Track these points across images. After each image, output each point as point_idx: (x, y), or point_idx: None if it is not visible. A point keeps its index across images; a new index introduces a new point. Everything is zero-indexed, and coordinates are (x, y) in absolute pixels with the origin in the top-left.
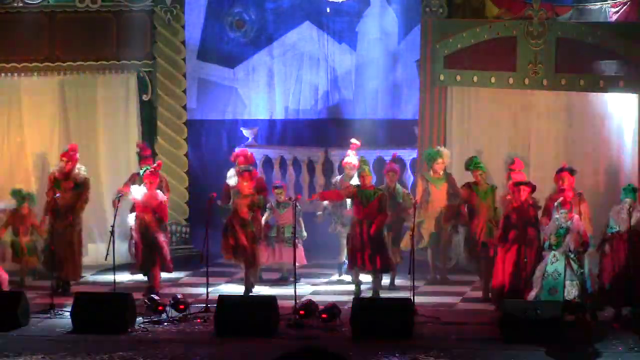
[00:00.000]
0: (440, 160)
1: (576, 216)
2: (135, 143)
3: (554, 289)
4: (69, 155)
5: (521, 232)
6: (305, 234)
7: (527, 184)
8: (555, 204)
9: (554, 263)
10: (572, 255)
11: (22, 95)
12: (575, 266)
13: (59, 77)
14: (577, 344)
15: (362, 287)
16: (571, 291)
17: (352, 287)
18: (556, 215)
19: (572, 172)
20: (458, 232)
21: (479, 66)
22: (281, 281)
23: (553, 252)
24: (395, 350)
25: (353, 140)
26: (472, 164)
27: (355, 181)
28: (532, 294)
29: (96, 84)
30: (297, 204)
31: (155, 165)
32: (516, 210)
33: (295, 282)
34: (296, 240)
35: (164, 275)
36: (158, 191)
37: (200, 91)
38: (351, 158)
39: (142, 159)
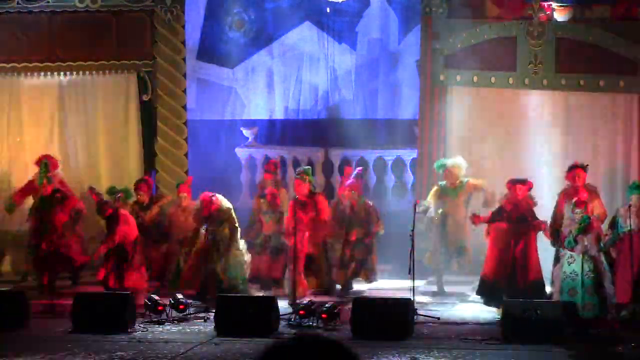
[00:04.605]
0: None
1: (593, 217)
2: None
3: (573, 290)
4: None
5: (515, 227)
6: None
7: (524, 181)
8: (571, 204)
9: (571, 264)
10: (587, 257)
11: (22, 95)
12: (586, 267)
13: (59, 77)
14: (577, 343)
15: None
16: None
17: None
18: (571, 214)
19: (585, 168)
20: None
21: (479, 66)
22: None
23: (569, 253)
24: (395, 350)
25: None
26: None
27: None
28: (549, 290)
29: (96, 84)
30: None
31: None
32: (512, 204)
33: (294, 284)
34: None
35: None
36: None
37: (199, 91)
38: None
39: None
